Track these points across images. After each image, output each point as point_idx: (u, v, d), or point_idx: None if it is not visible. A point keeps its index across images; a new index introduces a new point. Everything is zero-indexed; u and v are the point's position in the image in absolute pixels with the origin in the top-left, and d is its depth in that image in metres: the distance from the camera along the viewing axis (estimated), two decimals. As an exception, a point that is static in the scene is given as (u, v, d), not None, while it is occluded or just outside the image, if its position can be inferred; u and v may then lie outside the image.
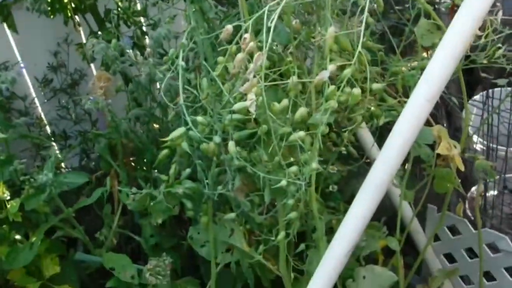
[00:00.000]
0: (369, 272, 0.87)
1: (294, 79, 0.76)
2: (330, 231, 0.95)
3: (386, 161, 0.75)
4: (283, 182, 0.74)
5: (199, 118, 0.79)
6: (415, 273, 1.27)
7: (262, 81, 0.68)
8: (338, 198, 1.21)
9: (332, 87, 0.74)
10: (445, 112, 1.63)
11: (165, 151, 0.98)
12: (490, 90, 1.27)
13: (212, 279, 1.00)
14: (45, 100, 1.65)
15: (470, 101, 1.57)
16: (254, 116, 0.77)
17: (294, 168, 0.78)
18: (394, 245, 0.93)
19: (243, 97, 0.76)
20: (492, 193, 1.61)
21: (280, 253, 0.91)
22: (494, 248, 1.27)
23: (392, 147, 0.75)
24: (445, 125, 1.61)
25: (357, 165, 1.05)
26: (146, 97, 1.11)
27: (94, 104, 1.01)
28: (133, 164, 1.28)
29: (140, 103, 1.14)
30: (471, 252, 1.34)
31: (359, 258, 1.00)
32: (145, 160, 1.20)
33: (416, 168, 1.28)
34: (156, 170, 1.08)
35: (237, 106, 0.70)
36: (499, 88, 1.19)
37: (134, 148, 1.22)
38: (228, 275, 1.25)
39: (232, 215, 0.89)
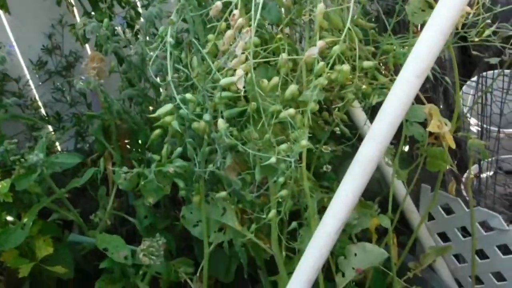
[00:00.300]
0: (360, 249, 0.88)
1: (284, 56, 0.76)
2: (323, 210, 0.96)
3: (376, 138, 0.75)
4: (273, 159, 0.75)
5: (188, 95, 0.79)
6: (409, 252, 1.28)
7: (250, 57, 0.68)
8: (332, 178, 1.21)
9: (322, 63, 0.73)
10: (442, 94, 1.62)
11: (157, 131, 0.98)
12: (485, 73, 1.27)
13: (205, 258, 1.01)
14: (40, 83, 1.64)
15: (466, 84, 1.57)
16: (244, 93, 0.77)
17: (284, 146, 0.78)
18: (386, 223, 0.93)
19: (233, 74, 0.76)
20: (487, 174, 1.61)
21: (272, 232, 0.92)
22: (487, 227, 1.28)
23: (381, 123, 0.75)
24: (441, 107, 1.61)
25: (350, 143, 1.05)
26: (140, 77, 1.10)
27: (86, 84, 1.01)
28: (127, 145, 1.28)
29: (134, 84, 1.14)
30: (464, 231, 1.35)
31: (352, 236, 1.01)
32: (139, 142, 1.20)
33: (412, 149, 1.28)
34: (149, 151, 1.08)
35: (224, 81, 0.70)
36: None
37: (128, 130, 1.21)
38: (222, 255, 1.26)
39: (223, 193, 0.89)
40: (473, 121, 1.54)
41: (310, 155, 1.11)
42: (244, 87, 0.74)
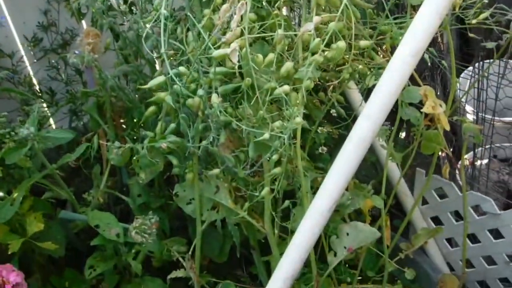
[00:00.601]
0: (352, 229, 0.88)
1: (280, 32, 0.75)
2: (317, 191, 0.96)
3: (370, 117, 0.75)
4: (266, 136, 0.74)
5: (181, 68, 0.78)
6: (402, 235, 1.29)
7: (246, 31, 0.67)
8: (327, 160, 1.21)
9: (317, 40, 0.73)
10: (441, 82, 1.62)
11: (151, 108, 0.97)
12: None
13: (197, 237, 1.01)
14: (35, 60, 1.62)
15: (464, 72, 1.57)
16: (239, 69, 0.76)
17: (278, 123, 0.78)
18: (379, 203, 0.93)
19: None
20: (481, 161, 1.62)
21: (265, 210, 0.92)
22: (480, 213, 1.28)
23: (375, 102, 0.74)
24: (438, 94, 1.61)
25: (345, 123, 1.05)
26: (135, 54, 1.09)
27: (80, 58, 1.00)
28: (122, 123, 1.27)
29: (129, 61, 1.12)
30: (457, 216, 1.35)
31: (345, 217, 1.02)
32: (134, 119, 1.19)
33: (409, 135, 1.28)
34: (144, 128, 1.07)
35: (217, 53, 0.70)
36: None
37: (123, 107, 1.21)
38: (216, 235, 1.26)
39: (216, 171, 0.89)
40: (468, 108, 1.54)
41: (305, 136, 1.11)
42: (239, 62, 0.73)
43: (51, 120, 1.73)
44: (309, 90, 0.99)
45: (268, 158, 0.82)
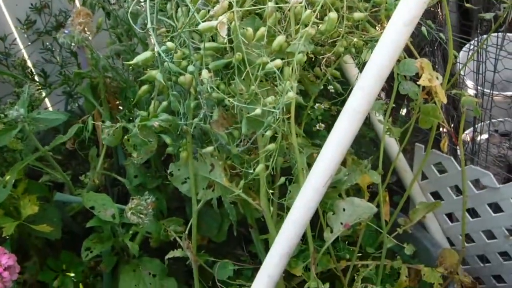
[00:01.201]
0: (348, 204, 0.87)
1: (270, 4, 0.74)
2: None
3: (364, 88, 0.73)
4: (258, 111, 0.73)
5: (169, 44, 0.76)
6: (401, 212, 1.28)
7: (234, 3, 0.66)
8: (325, 136, 1.20)
9: (308, 11, 0.71)
10: (442, 58, 1.60)
11: (144, 87, 0.96)
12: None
13: (193, 216, 1.00)
14: (29, 43, 1.60)
15: (465, 47, 1.54)
16: (229, 44, 0.74)
17: (270, 98, 0.76)
18: (376, 178, 0.92)
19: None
20: (480, 136, 1.61)
21: (260, 187, 0.91)
22: (480, 187, 1.27)
23: (370, 73, 0.73)
24: (440, 69, 1.59)
25: (342, 98, 1.03)
26: (127, 33, 1.07)
27: (70, 37, 0.98)
28: (118, 105, 1.26)
29: (122, 40, 1.11)
30: (457, 190, 1.34)
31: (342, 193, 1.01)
32: (128, 99, 1.18)
33: (409, 112, 1.26)
34: (138, 108, 1.06)
35: (203, 25, 0.68)
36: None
37: (118, 87, 1.19)
38: (214, 214, 1.26)
39: (210, 148, 0.88)
40: (469, 83, 1.52)
41: (301, 112, 1.09)
42: (229, 37, 0.72)
43: (48, 103, 1.72)
44: (303, 65, 0.98)
45: (262, 135, 0.81)
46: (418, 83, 0.85)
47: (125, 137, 0.87)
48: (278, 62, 0.74)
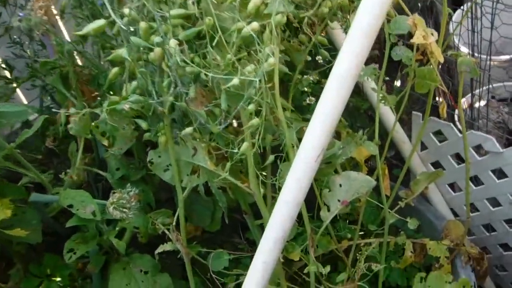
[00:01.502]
0: (344, 179, 0.80)
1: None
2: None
3: (351, 50, 0.66)
4: (235, 81, 0.65)
5: (126, 11, 0.68)
6: (402, 185, 1.22)
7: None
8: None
9: (284, -35, 0.63)
10: (434, 27, 1.53)
11: (114, 70, 0.88)
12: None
13: (179, 206, 0.93)
14: (-4, 39, 1.51)
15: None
16: (199, 10, 0.67)
17: (249, 67, 0.69)
18: (373, 149, 0.85)
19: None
20: (479, 103, 1.55)
21: (248, 167, 0.83)
22: (482, 154, 1.21)
23: (356, 33, 0.65)
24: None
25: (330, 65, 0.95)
26: (92, 13, 0.98)
27: (26, 21, 0.89)
28: (93, 94, 1.17)
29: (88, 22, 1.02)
30: (458, 159, 1.28)
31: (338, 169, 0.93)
32: (102, 87, 1.09)
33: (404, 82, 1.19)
34: (111, 94, 0.98)
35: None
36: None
37: (90, 75, 1.11)
38: (206, 202, 1.19)
39: (189, 129, 0.80)
40: (464, 49, 1.45)
41: (285, 80, 1.01)
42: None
43: (24, 100, 1.63)
44: (286, 33, 0.90)
45: (244, 109, 0.73)
46: (411, 41, 0.78)
47: (93, 123, 0.79)
48: (255, 25, 0.66)
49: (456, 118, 1.49)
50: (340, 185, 0.80)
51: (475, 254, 1.19)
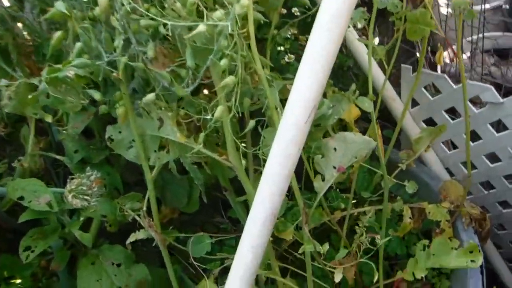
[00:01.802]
0: (339, 142, 0.68)
1: None
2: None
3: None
4: (201, 28, 0.52)
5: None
6: (394, 146, 1.11)
7: None
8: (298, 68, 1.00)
9: None
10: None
11: (57, 34, 0.73)
12: None
13: (149, 188, 0.80)
14: None
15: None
16: None
17: (218, 12, 0.55)
18: (367, 106, 0.73)
19: None
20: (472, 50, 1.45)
21: (226, 137, 0.71)
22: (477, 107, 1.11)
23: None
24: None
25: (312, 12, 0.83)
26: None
27: None
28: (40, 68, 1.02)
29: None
30: (452, 113, 1.18)
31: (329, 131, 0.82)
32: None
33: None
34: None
35: None
36: None
37: (33, 46, 0.96)
38: (181, 181, 1.07)
39: (150, 96, 0.67)
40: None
41: (264, 42, 0.89)
42: None
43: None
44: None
45: (214, 65, 0.60)
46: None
47: (29, 96, 0.64)
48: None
49: (438, 71, 1.39)
50: (335, 149, 0.68)
51: (477, 215, 1.10)
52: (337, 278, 0.73)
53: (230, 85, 0.61)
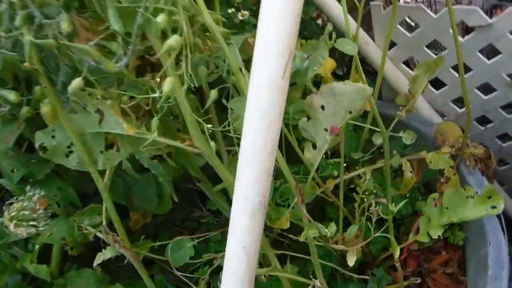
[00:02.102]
0: (327, 97, 0.53)
1: None
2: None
3: None
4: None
5: None
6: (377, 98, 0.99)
7: None
8: (255, 24, 0.85)
9: None
10: None
11: None
12: None
13: (104, 197, 0.65)
14: None
15: None
16: None
17: None
18: (350, 48, 0.59)
19: None
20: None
21: (185, 117, 0.56)
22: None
23: None
24: None
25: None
26: None
27: None
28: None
29: None
30: (434, 48, 1.06)
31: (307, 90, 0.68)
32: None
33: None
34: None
35: None
36: None
37: None
38: (146, 180, 0.92)
39: (76, 81, 0.51)
40: None
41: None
42: None
43: None
44: None
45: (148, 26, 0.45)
46: None
47: None
48: None
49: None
50: (323, 107, 0.54)
51: (481, 154, 0.99)
52: (351, 261, 0.60)
53: (176, 48, 0.46)
